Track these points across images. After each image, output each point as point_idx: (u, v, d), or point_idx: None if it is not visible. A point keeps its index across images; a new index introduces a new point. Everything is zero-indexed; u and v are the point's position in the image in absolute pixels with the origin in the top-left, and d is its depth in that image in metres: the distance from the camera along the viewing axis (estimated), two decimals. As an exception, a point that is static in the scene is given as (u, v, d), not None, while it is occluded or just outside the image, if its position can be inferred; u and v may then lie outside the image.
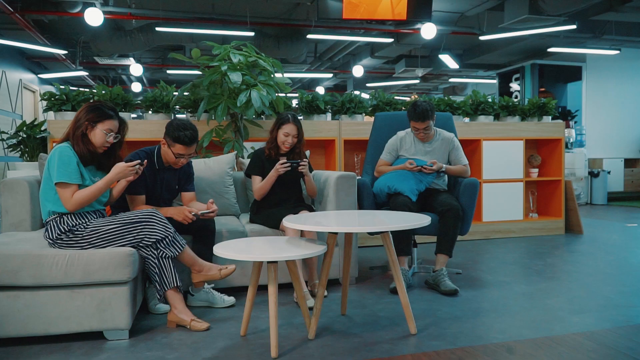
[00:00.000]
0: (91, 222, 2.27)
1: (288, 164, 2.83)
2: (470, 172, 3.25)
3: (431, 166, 3.05)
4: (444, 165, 3.15)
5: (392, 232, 2.92)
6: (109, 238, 2.23)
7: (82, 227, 2.24)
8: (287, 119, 2.97)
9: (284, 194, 3.02)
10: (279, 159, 3.00)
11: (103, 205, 2.45)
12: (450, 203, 2.95)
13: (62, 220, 2.24)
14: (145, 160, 2.41)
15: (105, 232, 2.23)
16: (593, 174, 7.81)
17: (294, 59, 8.55)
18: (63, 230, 2.23)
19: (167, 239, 2.32)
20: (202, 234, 2.64)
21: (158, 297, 2.36)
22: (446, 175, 3.31)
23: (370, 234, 3.50)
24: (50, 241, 2.25)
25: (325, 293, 2.74)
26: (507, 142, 4.74)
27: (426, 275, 3.25)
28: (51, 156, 2.26)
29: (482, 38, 7.55)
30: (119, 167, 2.29)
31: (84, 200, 2.24)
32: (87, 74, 10.17)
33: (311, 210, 2.95)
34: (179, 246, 2.37)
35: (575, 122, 8.33)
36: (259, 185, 2.97)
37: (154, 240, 2.28)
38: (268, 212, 2.95)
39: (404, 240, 3.00)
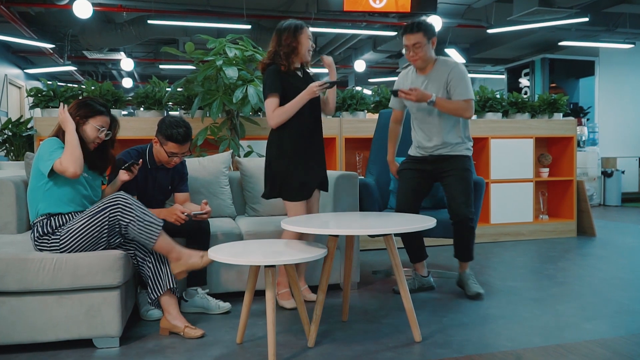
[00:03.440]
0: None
1: (328, 84, 2.43)
2: (471, 112, 2.68)
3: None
4: (433, 96, 2.65)
5: (403, 238, 2.84)
6: (84, 232, 2.12)
7: (63, 228, 2.18)
8: (304, 24, 2.65)
9: (311, 134, 2.59)
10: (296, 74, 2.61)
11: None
12: (458, 213, 2.71)
13: (49, 221, 2.18)
14: (141, 160, 2.38)
15: (79, 228, 2.13)
16: (606, 174, 7.69)
17: (292, 53, 8.45)
18: (46, 232, 2.17)
19: (135, 222, 2.15)
20: (196, 237, 2.59)
21: (149, 300, 2.31)
22: (459, 137, 2.80)
23: (372, 236, 3.39)
24: (36, 244, 2.19)
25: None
26: (516, 141, 4.65)
27: (434, 279, 3.18)
28: (40, 148, 2.21)
29: (490, 31, 7.49)
30: None
31: (72, 158, 2.11)
32: (75, 69, 10.14)
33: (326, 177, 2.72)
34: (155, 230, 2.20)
35: (587, 120, 8.19)
36: (282, 109, 2.49)
37: (127, 221, 2.14)
38: (288, 178, 2.55)
39: (415, 243, 2.88)
